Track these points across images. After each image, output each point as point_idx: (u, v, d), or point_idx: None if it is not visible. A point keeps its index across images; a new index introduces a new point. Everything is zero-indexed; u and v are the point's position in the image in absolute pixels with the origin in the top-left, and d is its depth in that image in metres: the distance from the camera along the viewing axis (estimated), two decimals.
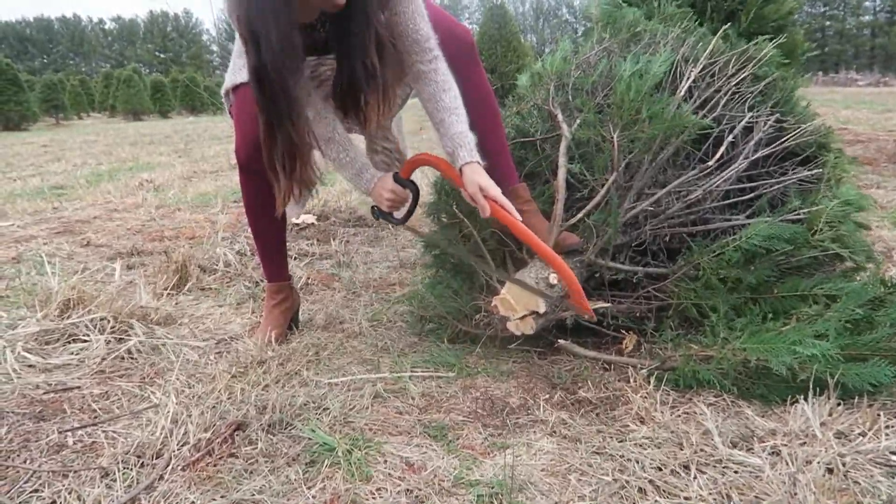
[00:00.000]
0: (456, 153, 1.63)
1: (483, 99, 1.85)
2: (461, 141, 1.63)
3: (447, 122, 1.65)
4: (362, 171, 1.72)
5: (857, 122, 9.49)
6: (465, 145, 1.63)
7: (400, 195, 1.73)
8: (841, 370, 1.47)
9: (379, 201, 1.75)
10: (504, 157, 1.91)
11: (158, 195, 4.95)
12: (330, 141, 1.69)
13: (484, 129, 1.83)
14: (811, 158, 2.15)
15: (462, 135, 1.63)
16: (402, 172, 1.76)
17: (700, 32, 2.36)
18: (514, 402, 1.60)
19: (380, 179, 1.73)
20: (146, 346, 1.94)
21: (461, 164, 1.62)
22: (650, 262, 1.97)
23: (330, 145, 1.70)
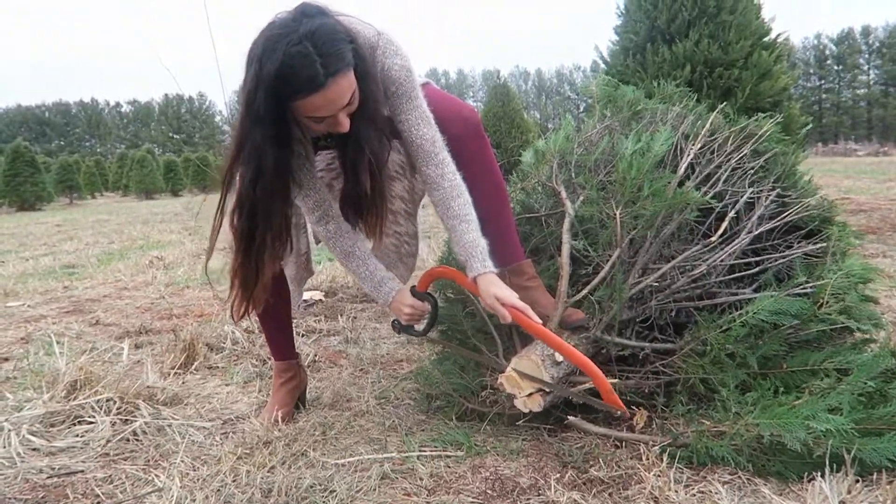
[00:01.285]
0: (469, 264, 1.67)
1: (490, 176, 1.88)
2: (472, 251, 1.67)
3: (458, 229, 1.69)
4: (381, 284, 1.77)
5: (860, 191, 9.59)
6: (478, 255, 1.67)
7: (418, 308, 1.78)
8: (857, 445, 1.44)
9: (398, 315, 1.80)
10: (510, 233, 1.93)
11: (168, 273, 5.00)
12: (350, 255, 1.76)
13: (490, 205, 1.87)
14: (815, 232, 2.17)
15: (473, 244, 1.67)
16: (420, 286, 1.81)
17: (699, 110, 2.43)
18: (524, 482, 1.57)
19: (398, 293, 1.77)
20: (152, 427, 1.93)
21: (474, 274, 1.67)
22: (657, 337, 1.96)
23: (350, 259, 1.76)
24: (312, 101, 1.44)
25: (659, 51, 4.55)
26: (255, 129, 1.47)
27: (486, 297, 1.65)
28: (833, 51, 59.20)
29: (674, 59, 4.44)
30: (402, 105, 1.67)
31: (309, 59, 1.39)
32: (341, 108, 1.49)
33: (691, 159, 2.14)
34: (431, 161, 1.70)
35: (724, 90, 4.39)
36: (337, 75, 1.43)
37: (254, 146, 1.49)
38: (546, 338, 1.66)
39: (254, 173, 1.52)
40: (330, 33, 1.43)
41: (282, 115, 1.48)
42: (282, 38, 1.39)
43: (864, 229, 5.64)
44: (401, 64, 1.63)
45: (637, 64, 4.61)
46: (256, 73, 1.42)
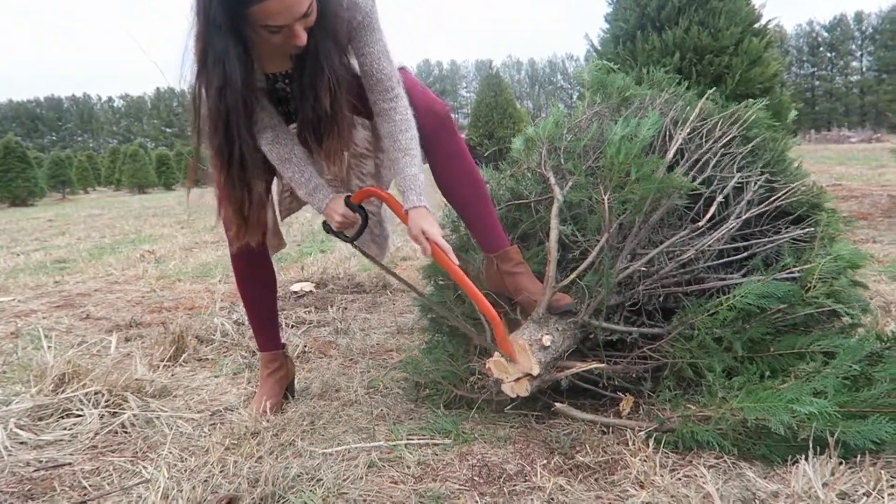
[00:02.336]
0: (406, 195, 1.71)
1: (463, 165, 1.88)
2: (412, 184, 1.70)
3: (401, 162, 1.71)
4: (316, 190, 1.78)
5: (852, 177, 9.61)
6: (415, 189, 1.70)
7: (349, 218, 1.80)
8: (841, 428, 1.44)
9: (330, 221, 1.82)
10: (491, 220, 1.92)
11: (159, 267, 4.98)
12: (287, 161, 1.76)
13: (469, 197, 1.88)
14: (804, 217, 2.17)
15: (413, 178, 1.70)
16: (354, 198, 1.83)
17: (688, 96, 2.43)
18: (511, 468, 1.57)
19: (332, 200, 1.79)
20: (140, 419, 1.92)
21: (409, 206, 1.70)
22: (645, 322, 1.96)
23: (287, 164, 1.76)
24: (268, 6, 1.41)
25: (649, 38, 4.53)
26: (215, 38, 1.45)
27: (413, 227, 1.68)
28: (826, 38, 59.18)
29: (664, 47, 4.42)
30: (366, 37, 1.66)
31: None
32: (298, 18, 1.46)
33: (680, 145, 2.13)
34: (387, 95, 1.71)
35: (715, 77, 4.38)
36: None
37: (216, 55, 1.46)
38: (460, 280, 1.70)
39: (220, 81, 1.49)
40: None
41: (240, 24, 1.45)
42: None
43: (855, 215, 5.66)
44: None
45: (627, 52, 4.59)
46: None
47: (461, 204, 1.91)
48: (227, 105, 1.52)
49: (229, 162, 1.62)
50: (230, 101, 1.52)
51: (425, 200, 1.70)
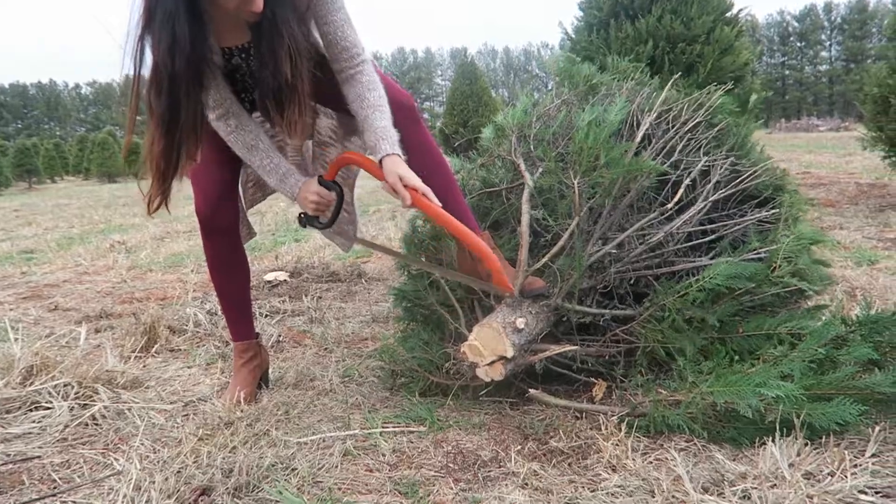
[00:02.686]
0: (378, 146, 1.65)
1: (431, 156, 1.88)
2: (383, 134, 1.65)
3: (371, 118, 1.67)
4: (286, 176, 1.74)
5: (820, 165, 9.79)
6: (388, 139, 1.65)
7: (325, 198, 1.76)
8: (806, 410, 1.48)
9: (304, 205, 1.76)
10: (462, 208, 1.92)
11: (130, 257, 4.91)
12: (253, 148, 1.72)
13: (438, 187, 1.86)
14: (768, 200, 2.21)
15: (385, 129, 1.66)
16: (327, 175, 1.79)
17: (654, 84, 2.45)
18: (485, 454, 1.58)
19: (304, 184, 1.74)
20: (111, 411, 1.90)
21: (381, 155, 1.65)
22: (617, 305, 1.99)
23: (254, 152, 1.72)
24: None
25: (622, 26, 4.56)
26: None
27: (389, 175, 1.63)
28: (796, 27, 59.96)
29: (637, 35, 4.45)
30: (327, 5, 1.64)
31: None
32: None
33: (647, 130, 2.15)
34: (353, 62, 1.69)
35: (687, 65, 4.42)
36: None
37: (165, 12, 1.40)
38: (445, 221, 1.65)
39: (170, 39, 1.42)
40: None
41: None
42: None
43: (823, 202, 5.77)
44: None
45: (601, 40, 4.62)
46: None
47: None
48: (175, 68, 1.45)
49: (170, 130, 1.54)
50: (178, 63, 1.44)
51: (399, 150, 1.65)
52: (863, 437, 1.52)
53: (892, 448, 1.49)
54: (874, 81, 5.79)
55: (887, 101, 5.49)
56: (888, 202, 5.51)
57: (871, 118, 5.90)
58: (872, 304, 2.49)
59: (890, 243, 3.91)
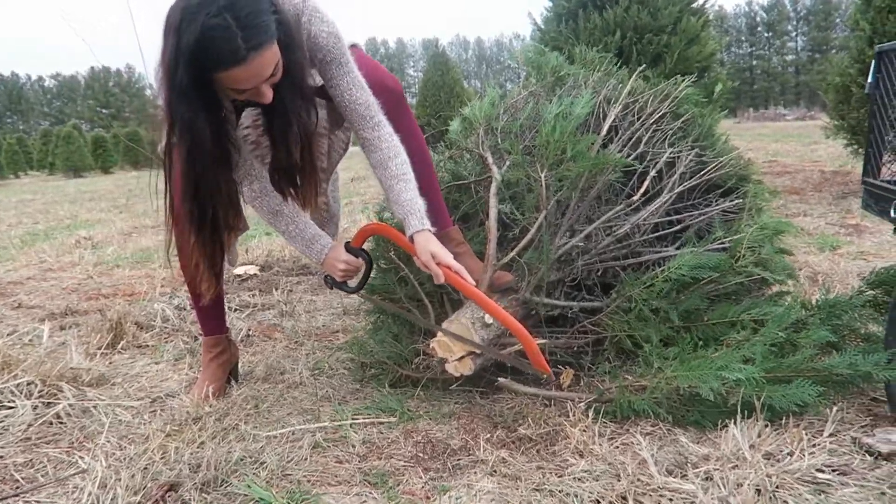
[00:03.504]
0: (407, 221, 1.65)
1: (415, 144, 1.87)
2: (411, 208, 1.65)
3: (396, 189, 1.67)
4: (313, 241, 1.73)
5: (786, 154, 9.96)
6: (416, 213, 1.65)
7: (353, 265, 1.76)
8: (767, 392, 1.52)
9: (332, 271, 1.76)
10: (437, 199, 1.93)
11: (97, 253, 4.82)
12: (278, 214, 1.72)
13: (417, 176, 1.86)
14: (733, 190, 2.25)
15: (411, 202, 1.66)
16: (354, 241, 1.78)
17: (620, 75, 2.47)
18: (455, 443, 1.59)
19: (332, 249, 1.74)
20: (76, 409, 1.87)
21: (412, 232, 1.65)
22: (585, 297, 2.01)
23: (278, 218, 1.72)
24: (233, 74, 1.40)
25: (591, 17, 4.59)
26: (182, 103, 1.42)
27: (422, 254, 1.62)
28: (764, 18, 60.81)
29: (605, 25, 4.48)
30: (333, 71, 1.64)
31: (229, 32, 1.34)
32: (264, 81, 1.45)
33: (613, 122, 2.17)
34: (368, 124, 1.69)
35: (654, 56, 4.47)
36: (259, 49, 1.38)
37: (184, 121, 1.44)
38: (479, 300, 1.66)
39: (189, 150, 1.47)
40: (251, 4, 1.37)
41: (207, 84, 1.43)
42: (200, 9, 1.33)
43: (788, 190, 5.88)
44: (328, 31, 1.59)
45: (570, 30, 4.64)
46: (175, 44, 1.36)
47: None
48: (196, 172, 1.50)
49: (200, 226, 1.59)
50: (199, 167, 1.50)
51: (428, 223, 1.65)
52: (821, 417, 1.56)
53: (849, 427, 1.54)
54: (836, 71, 5.91)
55: (849, 90, 5.60)
56: (850, 189, 5.64)
57: (834, 107, 6.02)
58: (833, 288, 2.55)
59: (851, 229, 4.01)
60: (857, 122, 5.53)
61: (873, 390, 1.73)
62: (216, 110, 1.52)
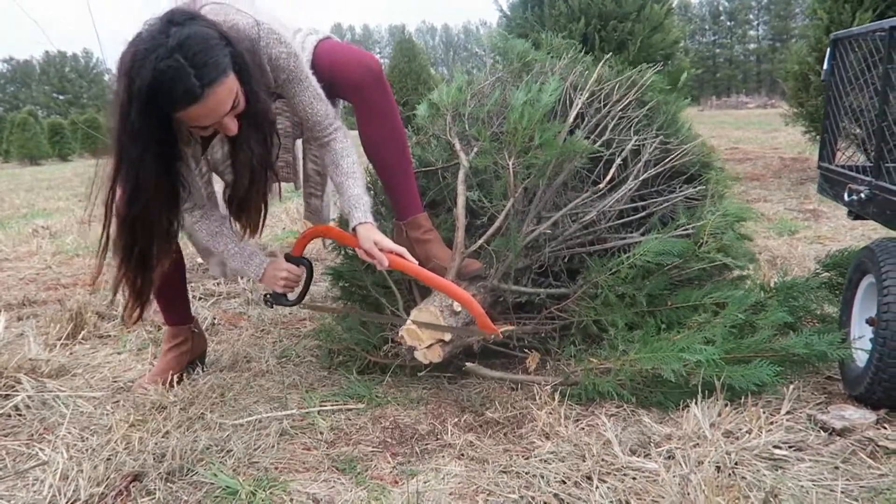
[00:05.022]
0: (351, 214, 1.71)
1: (392, 125, 1.85)
2: (356, 203, 1.71)
3: (345, 185, 1.74)
4: (252, 257, 1.76)
5: (748, 141, 10.16)
6: (360, 207, 1.71)
7: (294, 273, 1.78)
8: (727, 373, 1.56)
9: (273, 284, 1.78)
10: (409, 184, 1.92)
11: (55, 242, 4.70)
12: (217, 235, 1.75)
13: (392, 158, 1.86)
14: (696, 176, 2.29)
15: (357, 197, 1.72)
16: (294, 250, 1.80)
17: (586, 61, 2.48)
18: (423, 428, 1.60)
19: (271, 263, 1.77)
20: (35, 400, 1.83)
21: (355, 224, 1.70)
22: (552, 283, 2.03)
23: (217, 238, 1.75)
24: (191, 112, 1.39)
25: (556, 4, 4.60)
26: (132, 144, 1.40)
27: (364, 242, 1.68)
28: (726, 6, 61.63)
29: (570, 12, 4.50)
30: (294, 88, 1.67)
31: (182, 73, 1.33)
32: (226, 114, 1.44)
33: (580, 109, 2.18)
34: (325, 131, 1.76)
35: (619, 43, 4.51)
36: (214, 84, 1.37)
37: (131, 163, 1.43)
38: (422, 276, 1.70)
39: (131, 191, 1.46)
40: (202, 41, 1.36)
41: (161, 125, 1.42)
42: (150, 53, 1.32)
43: (749, 176, 6.01)
44: (286, 52, 1.61)
45: (535, 16, 4.65)
46: (127, 88, 1.35)
47: (383, 164, 1.89)
48: (134, 213, 1.49)
49: (128, 258, 1.58)
50: (137, 210, 1.48)
51: (371, 218, 1.70)
52: (778, 396, 1.61)
53: (805, 405, 1.59)
54: (795, 59, 6.03)
55: (807, 78, 5.73)
56: (808, 175, 5.78)
57: (793, 95, 6.15)
58: (790, 271, 2.62)
59: (809, 214, 4.11)
60: (815, 110, 5.67)
61: (828, 369, 1.79)
62: (168, 151, 1.51)
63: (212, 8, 1.53)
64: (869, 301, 1.67)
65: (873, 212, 1.78)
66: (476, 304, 1.64)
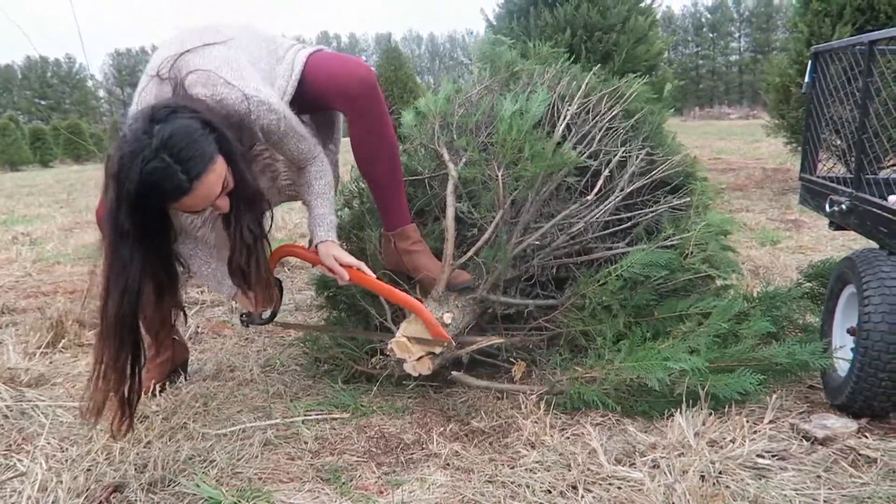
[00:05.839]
0: (315, 232, 1.76)
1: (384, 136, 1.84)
2: (320, 221, 1.76)
3: (313, 204, 1.79)
4: (225, 278, 1.75)
5: (730, 151, 10.27)
6: (324, 225, 1.76)
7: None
8: (711, 381, 1.56)
9: (245, 304, 1.80)
10: (400, 195, 1.92)
11: (35, 249, 4.64)
12: (193, 257, 1.80)
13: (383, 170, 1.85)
14: (680, 187, 2.30)
15: (323, 216, 1.77)
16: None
17: (574, 71, 2.49)
18: (408, 437, 1.60)
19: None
20: (14, 410, 1.80)
21: (317, 241, 1.74)
22: (540, 294, 2.03)
23: (192, 260, 1.80)
24: (183, 203, 1.41)
25: (541, 14, 4.63)
26: (121, 246, 1.39)
27: (325, 258, 1.72)
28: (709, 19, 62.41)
29: (555, 23, 4.53)
30: (283, 140, 1.69)
31: (169, 171, 1.34)
32: (216, 197, 1.45)
33: (568, 120, 2.19)
34: (306, 161, 1.80)
35: (603, 54, 4.54)
36: (202, 175, 1.38)
37: (121, 264, 1.40)
38: (379, 289, 1.76)
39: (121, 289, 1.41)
40: (186, 135, 1.36)
41: (151, 221, 1.43)
42: (136, 156, 1.33)
43: (732, 186, 6.07)
44: (276, 118, 1.61)
45: (521, 27, 4.68)
46: (116, 192, 1.35)
47: (373, 175, 1.88)
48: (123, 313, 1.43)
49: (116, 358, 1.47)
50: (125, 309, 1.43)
51: (334, 236, 1.75)
52: (761, 405, 1.63)
53: (787, 414, 1.60)
54: (776, 71, 6.11)
55: (788, 90, 5.80)
56: (790, 186, 5.85)
57: (774, 106, 6.23)
58: (773, 281, 2.65)
59: (790, 224, 4.16)
60: (796, 121, 5.74)
61: (810, 378, 1.81)
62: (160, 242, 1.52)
63: (198, 77, 1.52)
64: (850, 311, 1.69)
65: (854, 222, 1.81)
66: (427, 312, 1.71)
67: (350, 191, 2.30)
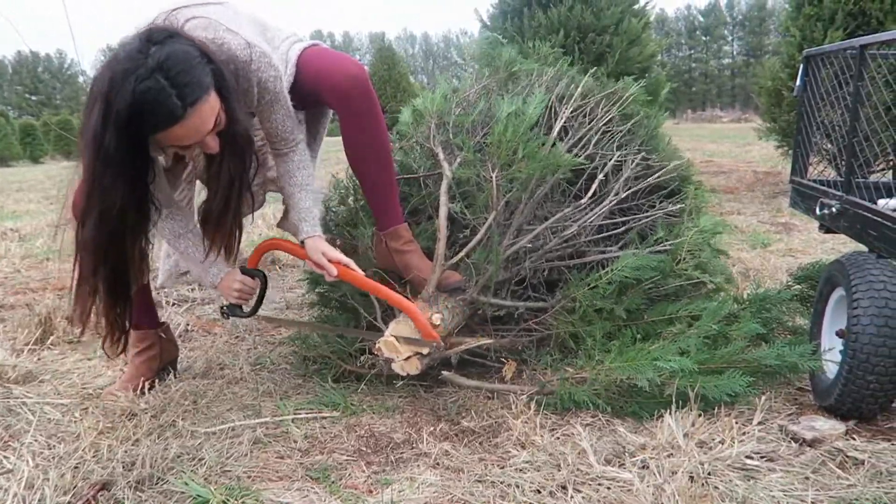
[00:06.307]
0: (300, 227, 1.73)
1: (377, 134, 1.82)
2: (306, 216, 1.74)
3: (296, 196, 1.76)
4: (210, 265, 1.73)
5: (722, 154, 10.32)
6: (309, 220, 1.74)
7: (248, 285, 1.77)
8: (700, 383, 1.57)
9: (227, 295, 1.77)
10: (392, 195, 1.90)
11: (25, 245, 4.60)
12: (180, 237, 1.73)
13: (375, 168, 1.84)
14: (675, 192, 2.30)
15: (307, 210, 1.75)
16: (249, 262, 1.81)
17: (572, 73, 2.49)
18: (398, 437, 1.59)
19: (227, 274, 1.75)
20: (1, 407, 1.78)
21: (303, 237, 1.73)
22: (531, 296, 2.02)
23: (180, 240, 1.73)
24: (173, 132, 1.35)
25: (535, 15, 4.64)
26: (106, 170, 1.34)
27: (313, 254, 1.71)
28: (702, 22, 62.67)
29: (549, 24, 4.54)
30: (273, 107, 1.66)
31: (163, 94, 1.29)
32: (208, 133, 1.41)
33: (564, 122, 2.19)
34: (288, 144, 1.76)
35: (597, 55, 4.56)
36: (197, 104, 1.34)
37: (103, 187, 1.36)
38: (367, 286, 1.76)
39: (101, 212, 1.39)
40: (183, 59, 1.32)
41: (137, 148, 1.37)
42: (129, 73, 1.27)
43: (723, 189, 6.10)
44: (274, 75, 1.60)
45: (515, 27, 4.68)
46: (103, 112, 1.29)
47: (366, 174, 1.87)
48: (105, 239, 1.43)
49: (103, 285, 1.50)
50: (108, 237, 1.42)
51: (320, 231, 1.74)
52: (751, 406, 1.63)
53: (776, 415, 1.61)
54: (769, 75, 6.15)
55: (780, 93, 5.83)
56: (780, 189, 5.88)
57: (766, 110, 6.27)
58: (763, 283, 2.66)
59: (781, 227, 4.19)
60: (787, 125, 5.77)
61: (799, 380, 1.82)
62: (142, 174, 1.45)
63: (199, 22, 1.49)
64: (839, 313, 1.70)
65: (844, 225, 1.82)
66: (416, 311, 1.71)
67: (346, 187, 2.29)
